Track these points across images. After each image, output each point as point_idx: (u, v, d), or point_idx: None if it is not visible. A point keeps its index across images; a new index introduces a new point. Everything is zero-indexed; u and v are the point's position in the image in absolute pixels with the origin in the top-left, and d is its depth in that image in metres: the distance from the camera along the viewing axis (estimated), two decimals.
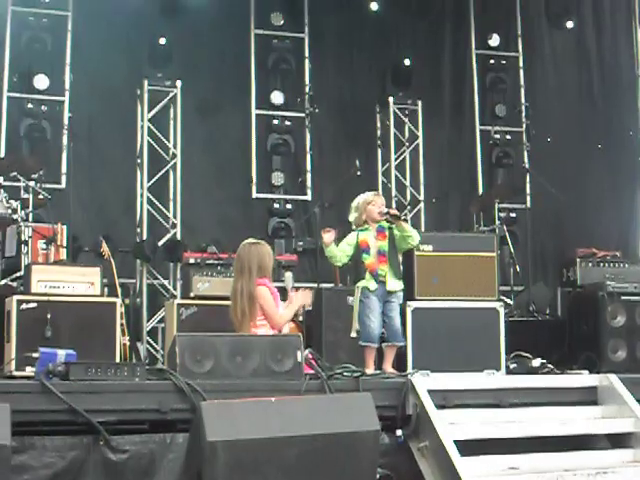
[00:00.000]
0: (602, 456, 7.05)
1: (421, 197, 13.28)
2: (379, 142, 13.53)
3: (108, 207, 11.98)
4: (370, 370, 7.69)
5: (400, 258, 8.36)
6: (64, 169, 11.51)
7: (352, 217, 8.08)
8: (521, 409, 7.24)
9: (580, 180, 13.60)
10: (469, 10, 13.96)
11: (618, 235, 13.70)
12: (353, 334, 7.89)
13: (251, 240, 7.77)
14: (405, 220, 8.10)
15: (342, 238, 11.17)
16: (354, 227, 8.06)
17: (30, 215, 9.85)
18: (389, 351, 7.91)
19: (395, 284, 7.89)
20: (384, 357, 7.92)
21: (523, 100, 13.89)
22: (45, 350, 6.60)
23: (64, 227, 9.87)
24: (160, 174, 12.03)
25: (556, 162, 13.39)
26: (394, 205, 12.65)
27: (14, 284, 9.28)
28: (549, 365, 8.61)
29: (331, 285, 10.44)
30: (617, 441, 7.24)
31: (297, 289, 7.95)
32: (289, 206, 12.83)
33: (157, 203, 11.94)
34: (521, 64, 14.19)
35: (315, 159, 13.01)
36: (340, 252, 7.87)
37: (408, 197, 13.33)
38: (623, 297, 9.37)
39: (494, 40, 14.08)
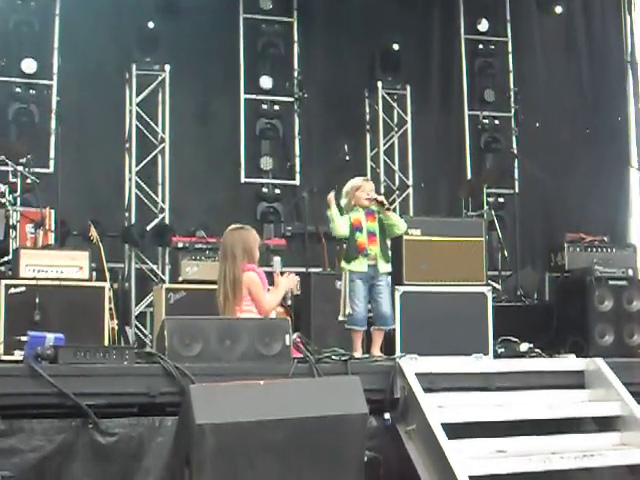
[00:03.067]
0: (589, 439, 7.08)
1: (410, 182, 13.27)
2: (368, 127, 13.53)
3: (96, 191, 11.94)
4: (358, 353, 7.72)
5: (388, 243, 8.37)
6: (52, 153, 11.44)
7: (343, 202, 8.07)
8: (509, 393, 7.27)
9: (568, 165, 13.61)
10: None
11: (606, 220, 13.70)
12: (341, 317, 7.89)
13: (235, 225, 7.73)
14: (389, 209, 8.02)
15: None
16: (344, 212, 8.06)
17: (18, 199, 9.86)
18: (377, 335, 7.91)
19: (384, 266, 7.89)
20: (372, 341, 7.93)
21: (512, 85, 13.89)
22: (34, 334, 6.59)
23: (52, 211, 9.87)
24: (149, 158, 12.02)
25: (544, 147, 13.42)
26: (382, 190, 12.64)
27: (2, 268, 9.30)
28: (537, 349, 8.64)
29: (320, 269, 10.47)
30: (604, 424, 7.28)
31: (283, 274, 7.95)
32: (278, 191, 12.81)
33: (145, 187, 11.92)
34: (510, 49, 14.18)
35: (304, 144, 13.00)
36: (341, 220, 7.86)
37: (397, 182, 13.34)
38: (610, 282, 9.45)
39: (483, 25, 14.06)
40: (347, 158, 10.82)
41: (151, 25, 11.92)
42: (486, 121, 13.88)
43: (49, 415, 6.08)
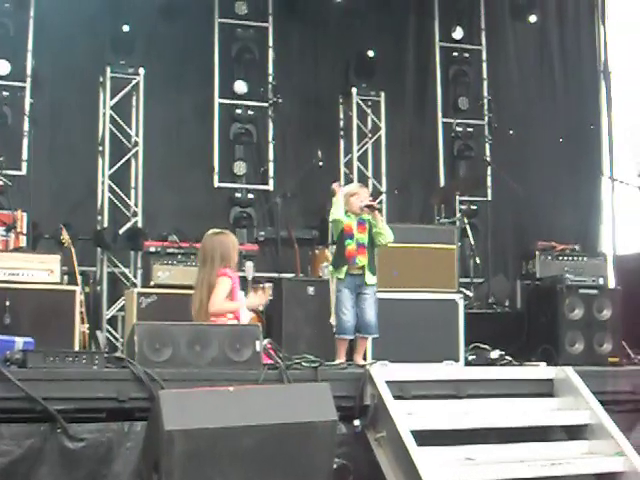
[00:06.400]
0: (558, 447, 7.14)
1: (383, 188, 13.28)
2: (341, 133, 13.50)
3: (69, 194, 11.86)
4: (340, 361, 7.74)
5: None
6: (25, 156, 11.37)
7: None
8: (478, 400, 7.32)
9: (541, 173, 13.66)
10: (433, 2, 13.96)
11: (577, 229, 13.81)
12: (332, 321, 7.90)
13: (215, 230, 7.74)
14: (379, 210, 8.02)
15: (304, 228, 11.24)
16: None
17: None
18: (361, 343, 7.96)
19: (371, 278, 7.91)
20: (355, 348, 7.96)
21: (485, 93, 13.94)
22: (3, 338, 6.58)
23: (24, 214, 9.85)
24: (122, 162, 11.95)
25: (517, 155, 13.47)
26: None
27: None
28: (507, 357, 8.69)
29: (292, 275, 10.47)
30: (573, 433, 7.34)
31: (259, 283, 7.93)
32: (251, 196, 12.76)
33: (118, 191, 11.85)
34: (484, 57, 14.22)
35: (277, 149, 12.98)
36: (341, 207, 7.87)
37: (370, 188, 13.32)
38: (581, 290, 9.49)
39: (457, 33, 14.09)
40: (320, 164, 10.85)
41: (126, 28, 11.87)
42: (459, 129, 13.89)
43: (17, 420, 6.05)
